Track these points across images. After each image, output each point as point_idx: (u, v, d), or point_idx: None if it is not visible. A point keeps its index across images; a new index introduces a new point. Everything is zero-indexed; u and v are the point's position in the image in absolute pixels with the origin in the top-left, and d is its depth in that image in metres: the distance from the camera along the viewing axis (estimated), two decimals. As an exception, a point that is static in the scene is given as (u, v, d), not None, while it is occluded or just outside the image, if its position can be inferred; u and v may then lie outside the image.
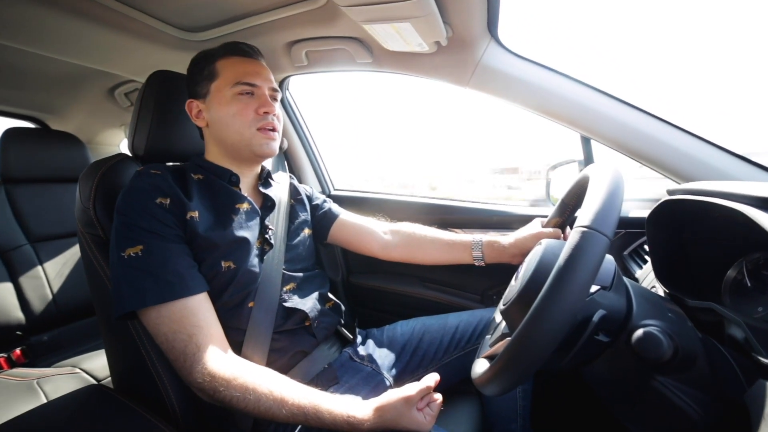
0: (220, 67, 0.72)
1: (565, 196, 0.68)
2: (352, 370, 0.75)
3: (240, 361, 0.59)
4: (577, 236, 0.39)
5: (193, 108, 0.74)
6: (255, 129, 0.71)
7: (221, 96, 0.70)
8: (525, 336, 0.39)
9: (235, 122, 0.70)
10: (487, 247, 0.83)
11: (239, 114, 0.70)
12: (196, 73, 0.73)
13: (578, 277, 0.37)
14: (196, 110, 0.74)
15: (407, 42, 0.77)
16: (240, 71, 0.71)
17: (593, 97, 0.81)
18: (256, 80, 0.72)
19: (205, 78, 0.72)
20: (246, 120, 0.70)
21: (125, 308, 0.56)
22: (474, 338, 0.83)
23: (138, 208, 0.60)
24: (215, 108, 0.71)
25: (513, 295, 0.54)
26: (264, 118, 0.71)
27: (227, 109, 0.70)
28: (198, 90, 0.73)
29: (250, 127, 0.70)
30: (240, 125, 0.70)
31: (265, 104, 0.71)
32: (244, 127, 0.70)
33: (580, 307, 0.37)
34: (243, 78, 0.70)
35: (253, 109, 0.70)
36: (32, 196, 1.29)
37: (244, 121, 0.70)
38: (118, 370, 0.69)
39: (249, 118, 0.70)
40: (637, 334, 0.38)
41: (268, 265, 0.71)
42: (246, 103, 0.70)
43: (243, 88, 0.70)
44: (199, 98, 0.73)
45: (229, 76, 0.71)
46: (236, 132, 0.71)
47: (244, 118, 0.70)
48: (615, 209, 0.40)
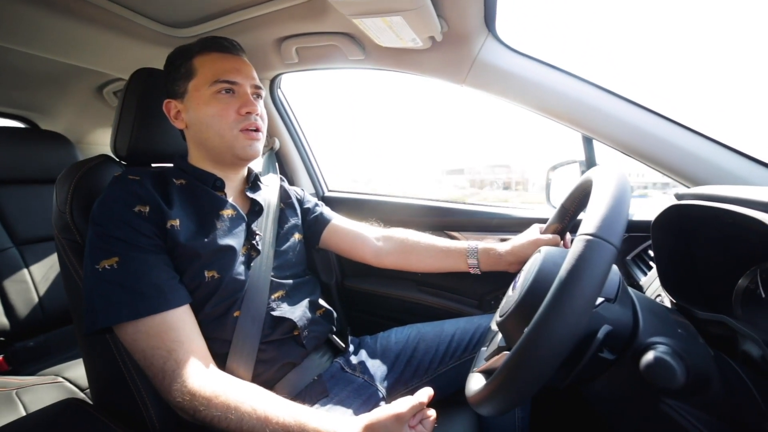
0: (197, 64, 0.67)
1: (565, 201, 0.65)
2: (342, 382, 0.72)
3: (222, 378, 0.55)
4: (581, 245, 0.35)
5: (171, 108, 0.70)
6: (237, 131, 0.67)
7: (199, 95, 0.66)
8: (524, 353, 0.36)
9: (215, 124, 0.66)
10: (482, 255, 0.79)
11: (219, 115, 0.66)
12: (172, 71, 0.69)
13: (583, 289, 0.33)
14: (175, 111, 0.70)
15: (400, 37, 0.73)
16: (219, 68, 0.67)
17: (596, 95, 0.77)
18: (237, 77, 0.67)
19: (182, 76, 0.68)
20: (227, 121, 0.66)
21: (97, 324, 0.53)
22: (471, 347, 0.79)
23: (114, 217, 0.57)
24: (194, 108, 0.67)
25: (510, 307, 0.51)
26: (246, 119, 0.68)
27: (206, 110, 0.66)
28: (175, 89, 0.69)
29: (231, 128, 0.67)
30: (221, 127, 0.66)
31: (247, 103, 0.67)
32: (225, 129, 0.67)
33: (584, 322, 0.33)
34: (222, 75, 0.66)
35: (234, 109, 0.66)
36: (19, 197, 1.26)
37: (224, 122, 0.66)
38: (96, 383, 0.66)
39: (230, 119, 0.66)
40: (647, 360, 0.35)
41: (255, 272, 0.68)
42: (226, 102, 0.66)
43: (222, 86, 0.66)
44: (176, 98, 0.69)
45: (207, 74, 0.66)
46: (217, 134, 0.67)
47: (225, 119, 0.66)
48: (622, 216, 0.37)
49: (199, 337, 0.57)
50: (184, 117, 0.69)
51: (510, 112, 65.84)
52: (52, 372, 0.93)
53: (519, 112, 0.85)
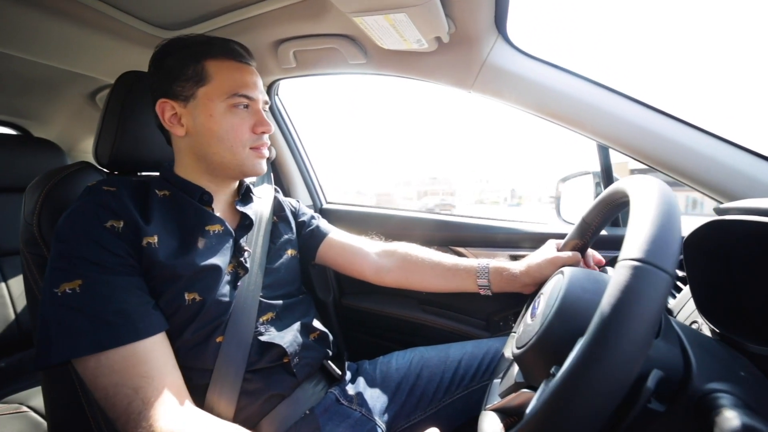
0: (211, 69, 0.61)
1: (586, 215, 0.58)
2: (337, 417, 0.64)
3: (198, 417, 0.48)
4: (627, 273, 0.29)
5: (167, 110, 0.62)
6: (248, 149, 0.64)
7: (213, 106, 0.61)
8: (559, 407, 0.29)
9: (228, 139, 0.62)
10: (494, 275, 0.72)
11: (234, 130, 0.62)
12: (173, 68, 0.62)
13: (634, 329, 0.27)
14: (171, 113, 0.62)
15: (404, 38, 0.68)
16: (237, 81, 0.62)
17: (614, 101, 0.72)
18: (253, 92, 0.64)
19: (189, 78, 0.61)
20: (241, 138, 0.62)
21: (51, 359, 0.45)
22: (479, 375, 0.72)
23: (81, 233, 0.50)
24: (203, 118, 0.61)
25: (530, 339, 0.44)
26: (260, 138, 0.65)
27: (221, 123, 0.61)
28: (177, 90, 0.62)
29: (244, 146, 0.63)
30: (233, 143, 0.62)
31: (262, 122, 0.64)
32: (238, 146, 0.62)
33: (636, 370, 0.27)
34: (241, 89, 0.62)
35: (248, 125, 0.63)
36: (1, 205, 1.20)
37: (238, 139, 0.62)
38: (53, 417, 0.58)
39: (245, 136, 0.63)
40: (731, 427, 0.28)
41: (242, 293, 0.61)
42: (242, 118, 0.62)
43: (241, 101, 0.62)
44: (177, 99, 0.62)
45: (224, 85, 0.61)
46: (228, 150, 0.62)
47: (240, 135, 0.62)
48: (675, 236, 0.30)
49: (173, 371, 0.50)
50: (185, 123, 0.62)
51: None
52: (17, 399, 0.85)
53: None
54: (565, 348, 0.38)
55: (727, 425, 0.28)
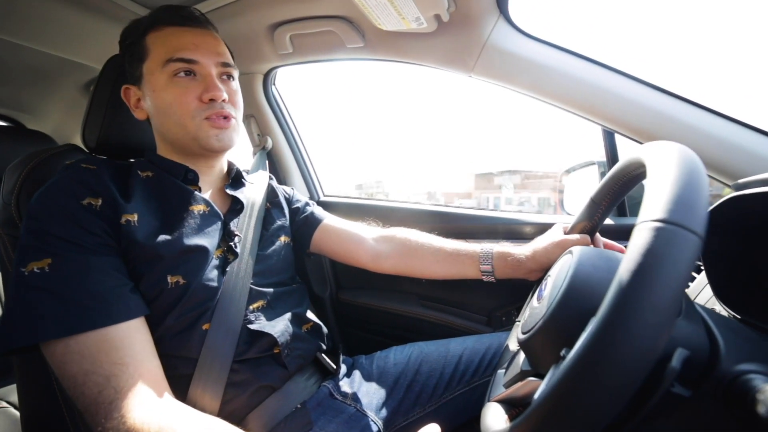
0: (149, 42, 0.58)
1: (595, 194, 0.55)
2: (331, 411, 0.60)
3: (176, 410, 0.44)
4: (648, 235, 0.25)
5: (131, 96, 0.62)
6: (200, 119, 0.58)
7: (154, 80, 0.57)
8: (573, 384, 0.25)
9: (173, 112, 0.57)
10: (498, 260, 0.69)
11: (177, 102, 0.56)
12: (126, 51, 0.60)
13: (659, 296, 0.23)
14: (135, 98, 0.62)
15: (402, 16, 0.65)
16: (172, 44, 0.57)
17: (619, 82, 0.69)
18: (195, 54, 0.57)
19: (135, 57, 0.59)
20: (187, 109, 0.57)
21: (14, 341, 0.42)
22: (481, 370, 0.68)
23: (55, 210, 0.47)
24: (150, 95, 0.58)
25: (537, 322, 0.41)
26: (211, 107, 0.58)
27: (162, 97, 0.57)
28: (130, 72, 0.60)
29: (193, 117, 0.57)
30: (180, 116, 0.57)
31: (209, 87, 0.57)
32: (186, 119, 0.57)
33: (663, 342, 0.23)
34: (176, 53, 0.56)
35: (195, 94, 0.57)
36: (-9, 198, 1.17)
37: (184, 110, 0.57)
38: (26, 410, 0.55)
39: (191, 106, 0.57)
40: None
41: (230, 278, 0.58)
42: (185, 87, 0.57)
43: (178, 67, 0.56)
44: (134, 83, 0.61)
45: (159, 53, 0.56)
46: (177, 124, 0.58)
47: (184, 106, 0.57)
48: (702, 195, 0.27)
49: (151, 358, 0.47)
50: (143, 105, 0.61)
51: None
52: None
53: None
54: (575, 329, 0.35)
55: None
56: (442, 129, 72.19)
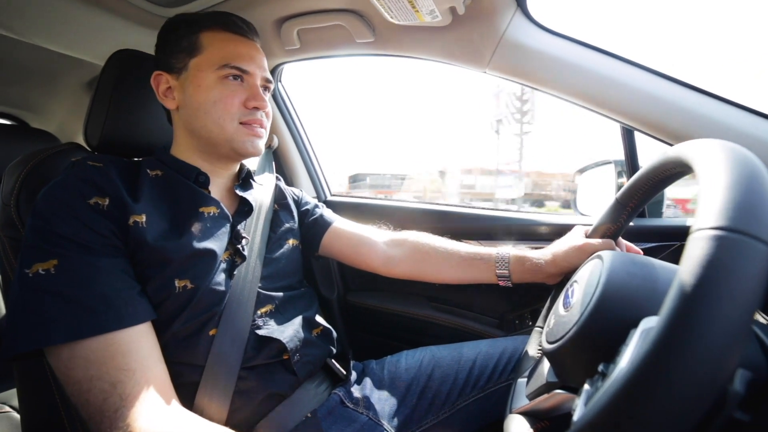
0: (205, 40, 0.59)
1: (620, 195, 0.52)
2: (342, 420, 0.58)
3: (182, 418, 0.43)
4: (708, 244, 0.23)
5: (162, 83, 0.61)
6: (238, 123, 0.59)
7: (202, 76, 0.58)
8: (625, 409, 0.23)
9: (215, 111, 0.58)
10: (515, 264, 0.66)
11: (222, 102, 0.58)
12: (171, 42, 0.60)
13: (728, 313, 0.21)
14: (165, 86, 0.61)
15: (416, 8, 0.63)
16: (231, 51, 0.59)
17: (644, 78, 0.66)
18: (249, 65, 0.60)
19: (183, 50, 0.59)
20: (230, 110, 0.58)
21: (18, 347, 0.41)
22: (496, 376, 0.66)
23: (61, 209, 0.46)
24: (192, 89, 0.58)
25: (567, 332, 0.38)
26: (252, 114, 0.60)
27: (208, 94, 0.57)
28: (171, 62, 0.60)
29: (233, 119, 0.59)
30: (221, 115, 0.58)
31: (255, 97, 0.60)
32: (226, 119, 0.58)
33: (734, 363, 0.21)
34: (233, 60, 0.58)
35: (240, 99, 0.59)
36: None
37: (227, 111, 0.58)
38: (26, 418, 0.53)
39: (233, 109, 0.58)
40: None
41: (238, 282, 0.56)
42: (233, 90, 0.59)
43: (231, 72, 0.59)
44: (171, 72, 0.60)
45: (215, 55, 0.58)
46: (215, 123, 0.58)
47: (228, 108, 0.58)
48: (766, 198, 0.24)
49: (157, 365, 0.45)
50: (176, 96, 0.60)
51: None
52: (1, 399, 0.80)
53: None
54: (612, 342, 0.32)
55: None
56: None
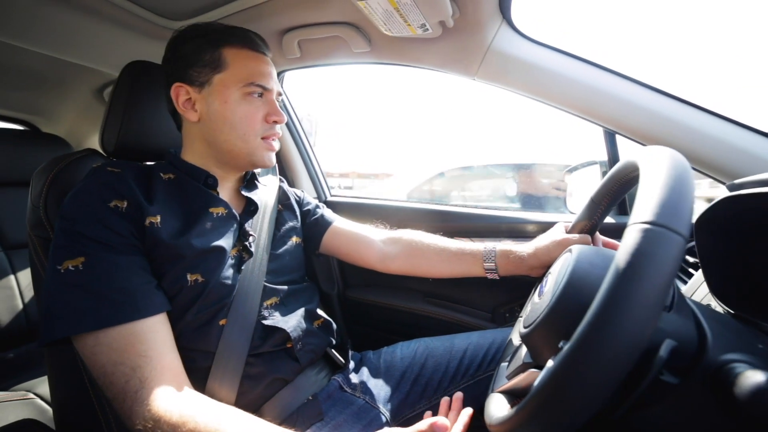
0: (228, 56, 0.62)
1: (595, 194, 0.57)
2: (341, 403, 0.63)
3: (195, 400, 0.47)
4: (637, 236, 0.28)
5: (182, 94, 0.62)
6: (260, 138, 0.64)
7: (228, 93, 0.61)
8: (570, 371, 0.28)
9: (241, 127, 0.62)
10: (501, 258, 0.71)
11: (248, 118, 0.62)
12: (190, 54, 0.62)
13: (646, 292, 0.26)
14: (185, 98, 0.63)
15: (408, 22, 0.68)
16: (254, 70, 0.63)
17: (620, 85, 0.71)
18: (269, 83, 0.64)
19: (206, 64, 0.62)
20: (254, 127, 0.63)
21: (55, 334, 0.46)
22: (485, 364, 0.71)
23: (86, 212, 0.51)
24: (218, 104, 0.61)
25: (538, 316, 0.43)
26: (272, 128, 0.65)
27: (235, 110, 0.61)
28: (191, 75, 0.62)
29: (256, 135, 0.64)
30: (246, 131, 0.62)
31: (276, 112, 0.65)
32: (250, 135, 0.63)
33: (649, 333, 0.26)
34: (257, 78, 0.62)
35: (261, 114, 0.64)
36: (10, 200, 1.21)
37: (251, 127, 0.63)
38: (58, 402, 0.58)
39: (257, 125, 0.63)
40: (753, 382, 0.27)
41: (246, 276, 0.61)
42: (257, 107, 0.63)
43: (256, 90, 0.63)
44: (192, 85, 0.62)
45: (241, 73, 0.62)
46: (240, 138, 0.63)
47: (253, 124, 0.63)
48: (688, 198, 0.29)
49: (172, 352, 0.50)
50: (198, 108, 0.63)
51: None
52: (24, 387, 0.85)
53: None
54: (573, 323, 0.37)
55: (748, 382, 0.27)
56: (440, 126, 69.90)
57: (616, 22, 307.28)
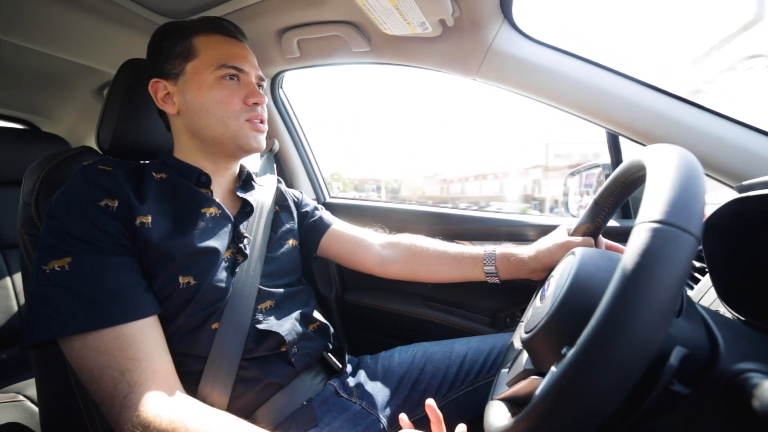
0: (199, 44, 0.62)
1: (598, 196, 0.56)
2: (336, 408, 0.61)
3: (186, 405, 0.46)
4: (646, 235, 0.26)
5: (159, 90, 0.62)
6: (243, 120, 0.62)
7: (201, 79, 0.60)
8: (573, 380, 0.26)
9: (218, 111, 0.60)
10: (501, 261, 0.69)
11: (224, 102, 0.60)
12: (164, 48, 0.62)
13: (657, 294, 0.24)
14: (163, 93, 0.63)
15: (408, 21, 0.67)
16: (225, 52, 0.62)
17: (624, 85, 0.69)
18: (244, 64, 0.63)
19: (178, 55, 0.62)
20: (232, 109, 0.61)
21: (35, 337, 0.44)
22: (485, 370, 0.69)
23: (74, 211, 0.49)
24: (193, 92, 0.61)
25: (540, 321, 0.41)
26: (252, 110, 0.63)
27: (209, 95, 0.60)
28: (167, 69, 0.62)
29: (237, 117, 0.62)
30: (224, 114, 0.61)
31: (254, 93, 0.63)
32: (230, 117, 0.61)
33: (660, 339, 0.24)
34: (229, 60, 0.61)
35: (240, 97, 0.62)
36: (6, 199, 1.20)
37: (229, 110, 0.61)
38: (44, 402, 0.57)
39: (236, 107, 0.61)
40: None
41: (240, 279, 0.60)
42: (232, 89, 0.61)
43: (229, 72, 0.61)
44: (168, 78, 0.62)
45: (211, 57, 0.61)
46: (220, 122, 0.61)
47: (230, 106, 0.61)
48: (698, 197, 0.28)
49: (162, 354, 0.49)
50: (176, 101, 0.62)
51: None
52: (15, 389, 0.84)
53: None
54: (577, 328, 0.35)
55: (764, 393, 0.25)
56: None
57: (616, 22, 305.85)
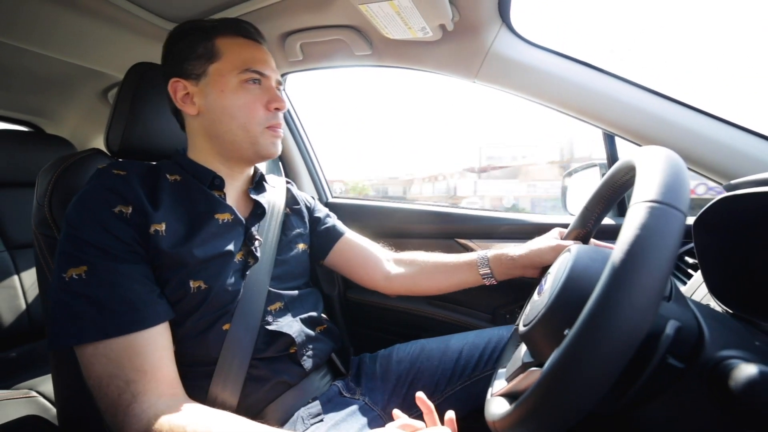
0: (222, 46, 0.61)
1: (588, 202, 0.57)
2: (339, 406, 0.63)
3: (188, 410, 0.46)
4: (643, 212, 0.28)
5: (179, 89, 0.61)
6: (264, 127, 0.62)
7: (224, 82, 0.60)
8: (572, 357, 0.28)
9: (241, 116, 0.60)
10: (494, 262, 0.71)
11: (247, 106, 0.60)
12: (185, 48, 0.61)
13: (651, 267, 0.26)
14: (183, 93, 0.61)
15: (408, 26, 0.69)
16: (248, 56, 0.61)
17: (619, 87, 0.72)
18: (266, 69, 0.62)
19: (200, 56, 0.61)
20: (255, 114, 0.61)
21: (59, 342, 0.46)
22: (482, 364, 0.70)
23: (89, 218, 0.50)
24: (215, 95, 0.60)
25: (537, 314, 0.43)
26: (274, 116, 0.63)
27: (232, 99, 0.60)
28: (187, 68, 0.61)
29: (259, 123, 0.61)
30: (247, 120, 0.61)
31: (276, 98, 0.63)
32: (252, 123, 0.61)
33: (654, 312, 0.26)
34: (252, 64, 0.61)
35: (262, 102, 0.61)
36: (13, 200, 1.22)
37: (252, 115, 0.61)
38: (62, 401, 0.59)
39: (258, 113, 0.61)
40: (746, 375, 0.27)
41: (250, 281, 0.60)
42: (255, 94, 0.61)
43: (252, 76, 0.61)
44: (189, 78, 0.61)
45: (235, 60, 0.60)
46: (241, 127, 0.61)
47: (253, 112, 0.61)
48: (685, 184, 0.30)
49: (168, 364, 0.50)
50: (197, 102, 0.62)
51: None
52: (27, 386, 0.86)
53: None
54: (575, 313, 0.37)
55: (742, 375, 0.27)
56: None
57: (617, 24, 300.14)
